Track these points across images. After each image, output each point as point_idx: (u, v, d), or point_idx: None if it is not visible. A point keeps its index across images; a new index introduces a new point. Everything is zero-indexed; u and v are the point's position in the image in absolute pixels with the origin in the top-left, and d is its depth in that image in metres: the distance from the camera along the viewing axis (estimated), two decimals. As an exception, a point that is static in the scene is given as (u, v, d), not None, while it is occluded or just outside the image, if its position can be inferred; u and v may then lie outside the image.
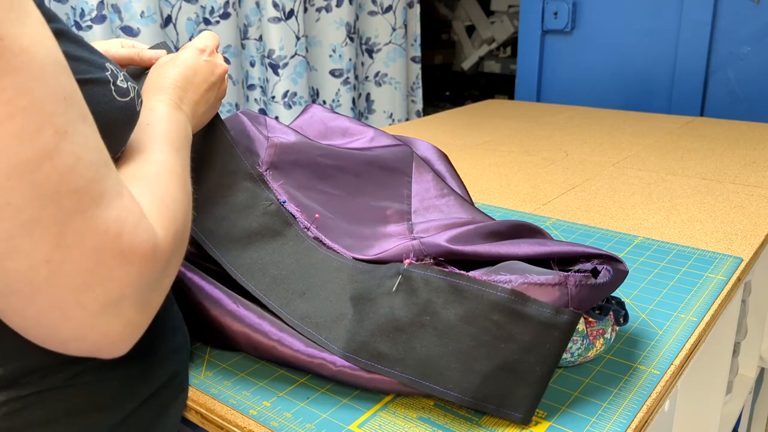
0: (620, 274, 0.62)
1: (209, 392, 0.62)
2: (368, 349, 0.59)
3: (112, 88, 0.49)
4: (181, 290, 0.65)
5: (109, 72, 0.49)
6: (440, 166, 0.85)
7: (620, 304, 0.65)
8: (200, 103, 0.67)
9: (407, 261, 0.64)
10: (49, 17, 0.42)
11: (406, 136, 0.90)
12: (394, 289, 0.62)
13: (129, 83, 0.52)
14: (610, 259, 0.62)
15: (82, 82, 0.42)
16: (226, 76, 0.72)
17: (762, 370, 1.47)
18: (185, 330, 0.63)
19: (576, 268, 0.62)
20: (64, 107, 0.38)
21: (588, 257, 0.63)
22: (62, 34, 0.44)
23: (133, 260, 0.40)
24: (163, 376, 0.56)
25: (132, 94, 0.51)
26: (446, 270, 0.62)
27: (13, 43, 0.35)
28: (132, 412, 0.52)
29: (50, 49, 0.38)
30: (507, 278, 0.59)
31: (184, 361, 0.60)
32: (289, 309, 0.64)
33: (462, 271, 0.61)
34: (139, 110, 0.54)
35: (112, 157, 0.49)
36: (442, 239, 0.66)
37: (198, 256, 0.70)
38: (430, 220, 0.75)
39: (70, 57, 0.41)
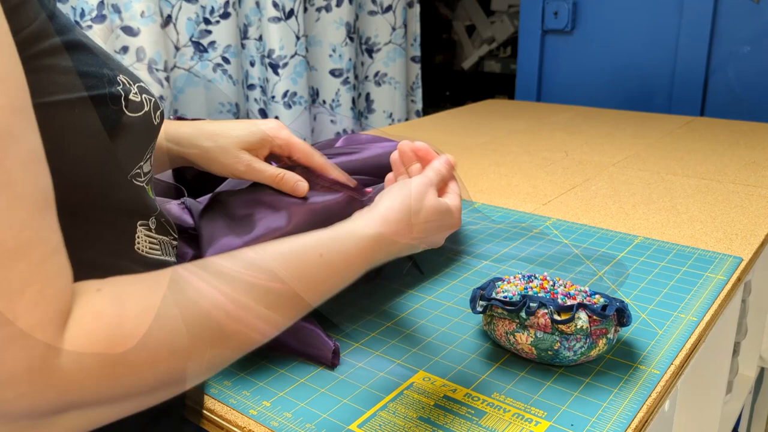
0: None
1: (209, 392, 0.62)
2: None
3: (124, 103, 0.46)
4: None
5: (122, 86, 0.47)
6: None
7: (623, 305, 0.65)
8: (404, 250, 0.55)
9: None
10: (66, 28, 0.41)
11: (403, 136, 0.89)
12: None
13: (144, 96, 0.49)
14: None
15: (89, 99, 0.40)
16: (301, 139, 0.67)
17: (762, 370, 1.47)
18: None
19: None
20: None
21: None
22: (77, 46, 0.42)
23: None
24: (162, 377, 0.55)
25: (147, 108, 0.49)
26: None
27: None
28: (132, 412, 0.52)
29: None
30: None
31: (183, 362, 0.60)
32: None
33: None
34: (158, 123, 0.51)
35: (131, 170, 0.46)
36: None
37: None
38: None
39: (77, 73, 0.40)
